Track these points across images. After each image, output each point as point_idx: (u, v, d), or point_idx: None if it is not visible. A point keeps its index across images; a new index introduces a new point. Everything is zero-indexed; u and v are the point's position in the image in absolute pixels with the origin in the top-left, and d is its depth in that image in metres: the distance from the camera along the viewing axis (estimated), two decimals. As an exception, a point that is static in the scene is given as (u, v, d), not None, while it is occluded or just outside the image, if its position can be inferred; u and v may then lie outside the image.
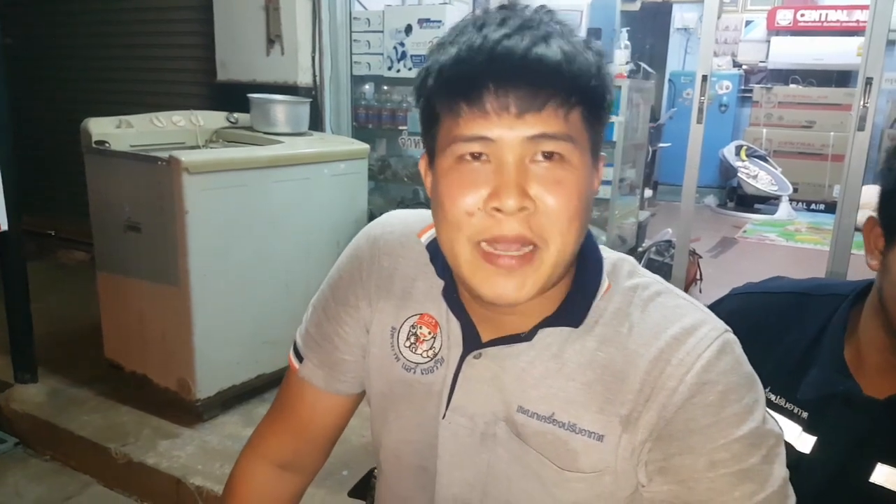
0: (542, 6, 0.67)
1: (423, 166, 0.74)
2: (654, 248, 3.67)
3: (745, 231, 5.99)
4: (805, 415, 0.88)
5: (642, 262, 3.70)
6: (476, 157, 0.64)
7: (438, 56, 0.65)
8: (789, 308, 0.95)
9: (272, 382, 2.59)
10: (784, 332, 0.93)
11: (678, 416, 0.65)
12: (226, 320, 2.38)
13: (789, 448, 0.86)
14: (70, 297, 3.51)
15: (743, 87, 7.42)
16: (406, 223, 0.85)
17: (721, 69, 7.30)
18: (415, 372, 0.79)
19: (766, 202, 6.75)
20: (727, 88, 7.22)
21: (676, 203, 3.15)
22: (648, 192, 5.65)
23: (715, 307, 1.02)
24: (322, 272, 0.86)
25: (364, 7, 3.47)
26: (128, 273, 2.45)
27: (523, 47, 0.61)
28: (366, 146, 2.88)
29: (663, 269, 3.37)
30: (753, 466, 0.65)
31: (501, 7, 0.67)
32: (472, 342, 0.75)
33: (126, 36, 3.93)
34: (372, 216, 2.96)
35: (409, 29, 3.28)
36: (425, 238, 0.81)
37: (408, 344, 0.80)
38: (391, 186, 3.66)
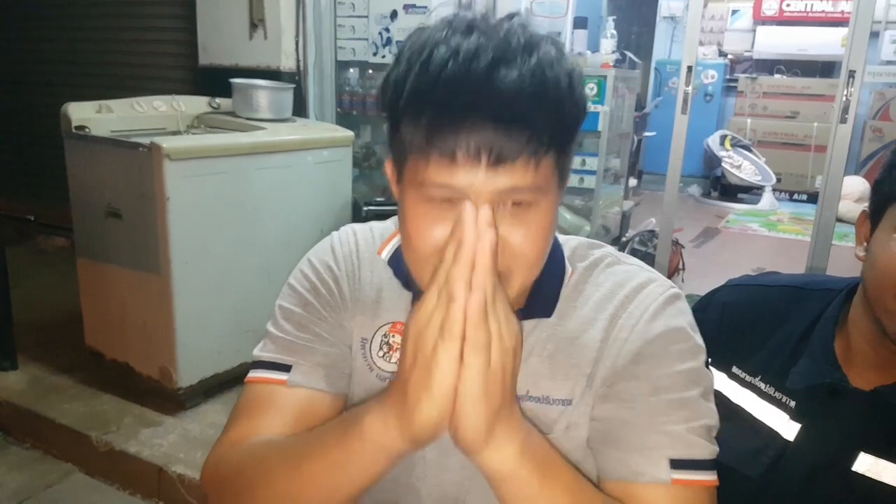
0: (515, 15, 0.65)
1: (389, 171, 0.71)
2: (637, 238, 3.70)
3: (727, 221, 6.04)
4: (793, 404, 0.90)
5: (626, 251, 3.72)
6: (445, 199, 0.63)
7: (405, 84, 0.61)
8: (784, 301, 0.97)
9: (255, 370, 2.59)
10: (778, 325, 0.95)
11: (629, 359, 0.71)
12: (207, 308, 2.37)
13: (776, 436, 0.89)
14: (50, 283, 3.48)
15: (728, 77, 7.46)
16: (365, 239, 0.85)
17: (707, 58, 7.33)
18: (388, 381, 0.77)
19: (749, 192, 6.81)
20: (712, 78, 7.26)
21: (661, 192, 3.17)
22: (633, 182, 5.69)
23: (710, 297, 1.05)
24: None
25: (349, -9, 3.44)
26: (108, 260, 2.43)
27: (498, 94, 0.58)
28: (350, 133, 2.86)
29: (646, 259, 3.38)
30: (692, 398, 0.70)
31: (469, 25, 0.63)
32: None
33: (107, 18, 3.87)
34: (356, 204, 2.95)
35: (394, 14, 3.26)
36: (385, 254, 0.82)
37: (381, 353, 0.80)
38: (376, 174, 3.64)
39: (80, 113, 2.45)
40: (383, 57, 3.30)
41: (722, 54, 7.50)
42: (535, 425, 0.71)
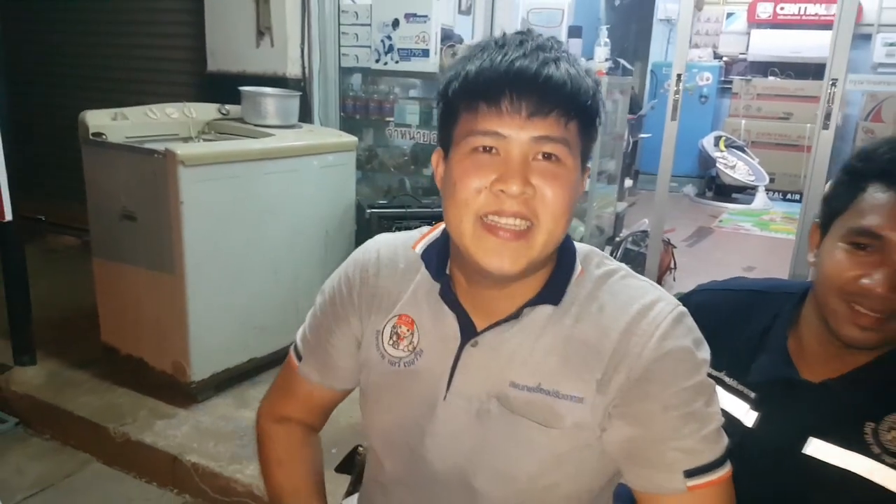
0: (553, 37, 0.82)
1: (435, 159, 0.86)
2: (630, 238, 3.80)
3: (721, 220, 6.15)
4: (753, 395, 1.01)
5: (619, 251, 3.83)
6: (487, 150, 0.77)
7: (463, 67, 0.78)
8: (746, 304, 1.08)
9: (262, 366, 2.71)
10: (741, 325, 1.06)
11: (641, 374, 0.79)
12: (219, 306, 2.49)
13: (738, 423, 1.01)
14: (63, 281, 3.59)
15: (723, 79, 7.56)
16: (389, 243, 0.99)
17: (702, 60, 7.43)
18: (398, 365, 0.91)
19: (743, 192, 6.92)
20: (707, 80, 7.36)
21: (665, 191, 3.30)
22: (629, 182, 5.79)
23: (684, 299, 1.16)
24: (310, 261, 0.97)
25: (352, 0, 3.55)
26: (123, 260, 2.54)
27: (537, 66, 0.74)
28: (353, 138, 2.97)
29: (639, 259, 3.50)
30: (698, 409, 0.79)
31: (519, 32, 0.80)
32: (468, 333, 0.87)
33: (119, 24, 3.97)
34: (359, 206, 3.07)
35: (395, 23, 3.36)
36: (419, 248, 0.94)
37: (391, 342, 0.93)
38: (378, 176, 3.75)
39: (97, 120, 2.56)
40: (385, 64, 3.42)
41: (717, 56, 7.60)
42: (544, 415, 0.82)
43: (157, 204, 2.35)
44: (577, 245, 0.91)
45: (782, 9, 7.13)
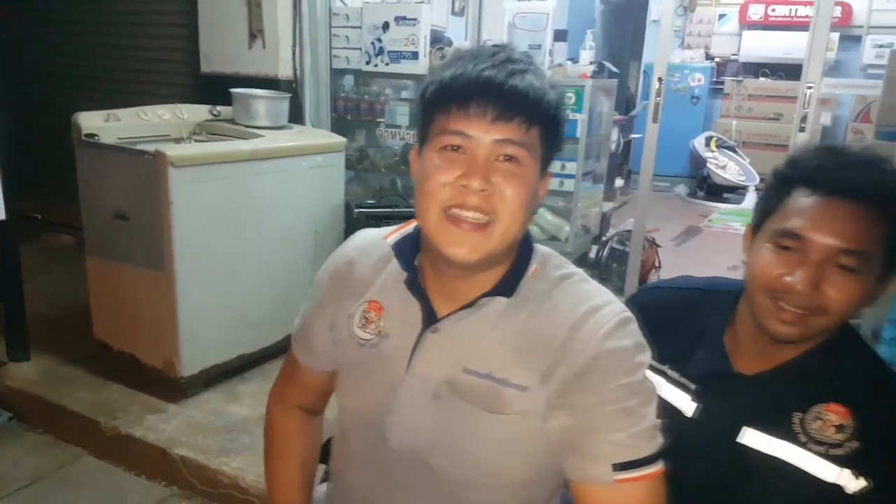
0: (525, 52, 0.91)
1: (413, 155, 0.95)
2: (616, 238, 3.86)
3: (710, 220, 6.21)
4: (693, 387, 1.08)
5: (605, 250, 3.89)
6: (455, 148, 0.85)
7: (441, 73, 0.87)
8: (690, 301, 1.15)
9: (252, 362, 2.77)
10: (684, 321, 1.13)
11: (582, 368, 0.85)
12: (209, 304, 2.55)
13: (680, 413, 1.07)
14: (60, 280, 3.65)
15: (715, 80, 7.61)
16: (368, 237, 1.08)
17: (694, 61, 7.50)
18: (365, 347, 0.99)
19: (734, 192, 6.98)
20: (699, 81, 7.41)
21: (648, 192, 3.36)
22: (620, 182, 5.85)
23: (632, 298, 1.24)
24: (300, 259, 1.06)
25: (343, 3, 3.60)
26: (116, 259, 2.60)
27: (504, 76, 0.83)
28: (343, 139, 3.03)
29: (624, 257, 3.56)
30: (633, 406, 0.85)
31: (495, 45, 0.90)
32: (429, 320, 0.94)
33: (115, 26, 4.02)
34: (348, 206, 3.13)
35: (386, 26, 3.42)
36: (391, 239, 1.03)
37: (360, 325, 1.00)
38: (370, 176, 3.81)
39: (90, 121, 2.62)
40: (375, 66, 3.48)
41: (709, 57, 7.66)
42: (491, 402, 0.89)
43: (148, 204, 2.40)
44: (540, 247, 0.98)
45: (773, 10, 7.19)
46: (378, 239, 1.05)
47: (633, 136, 6.17)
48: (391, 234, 1.04)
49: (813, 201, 0.94)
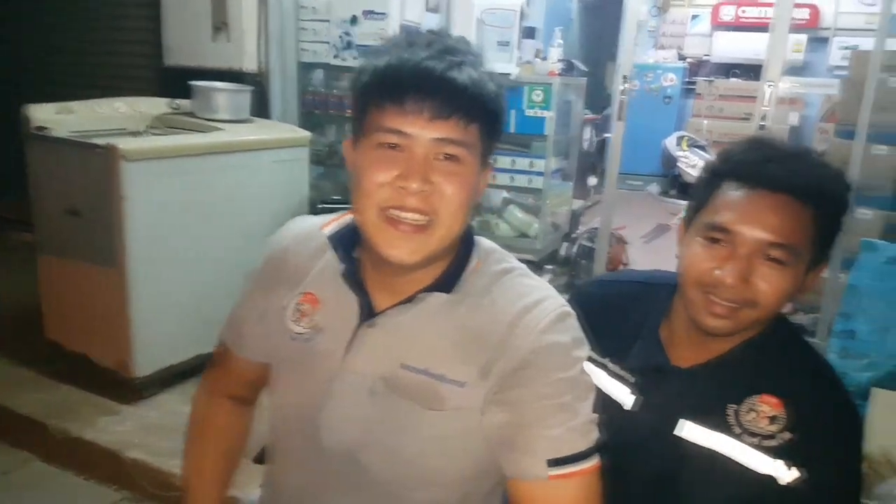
0: (462, 37, 0.86)
1: (347, 147, 0.89)
2: (586, 235, 3.86)
3: (680, 218, 6.23)
4: (633, 380, 1.06)
5: (575, 247, 3.88)
6: (392, 146, 0.80)
7: (373, 61, 0.82)
8: (630, 295, 1.14)
9: (212, 362, 2.70)
10: (625, 313, 1.11)
11: (519, 363, 0.83)
12: (165, 302, 2.47)
13: (619, 406, 1.05)
14: (15, 279, 3.54)
15: (687, 80, 7.68)
16: (304, 225, 1.03)
17: (667, 62, 7.55)
18: (298, 341, 0.94)
19: (706, 191, 7.02)
20: (672, 81, 7.47)
21: (621, 190, 3.37)
22: (594, 180, 5.86)
23: (580, 289, 1.21)
24: (261, 256, 1.03)
25: (311, -5, 3.54)
26: (68, 256, 2.52)
27: (441, 69, 0.78)
28: (307, 134, 2.97)
29: (593, 254, 3.56)
30: (568, 402, 0.83)
31: (430, 32, 0.85)
32: (366, 314, 0.90)
33: (75, 20, 3.93)
34: (312, 203, 3.07)
35: (354, 19, 3.37)
36: (328, 230, 0.98)
37: (294, 318, 0.96)
38: (340, 171, 3.75)
39: (41, 114, 2.53)
40: (344, 60, 3.42)
41: (682, 58, 7.72)
42: (427, 398, 0.85)
43: (101, 199, 2.33)
44: (483, 241, 0.95)
45: (744, 12, 7.27)
46: (314, 228, 1.00)
47: (607, 135, 6.17)
48: (328, 224, 0.99)
49: (741, 195, 0.94)
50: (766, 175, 0.93)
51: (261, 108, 3.27)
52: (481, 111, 0.81)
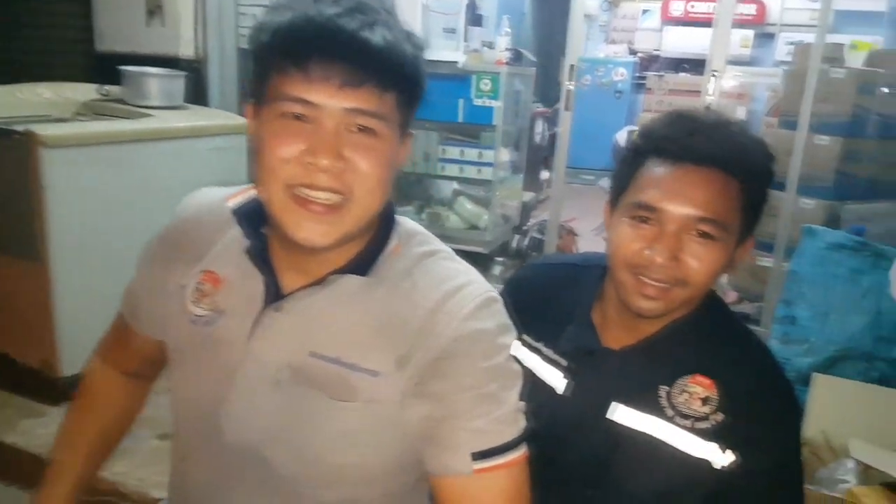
0: None
1: (249, 112, 0.80)
2: (537, 227, 3.85)
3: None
4: (565, 363, 1.03)
5: (527, 239, 3.86)
6: (298, 116, 0.71)
7: (273, 17, 0.71)
8: (562, 277, 1.11)
9: (145, 359, 2.58)
10: (557, 296, 1.08)
11: (440, 353, 0.77)
12: (91, 297, 2.33)
13: (552, 391, 1.01)
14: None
15: (638, 74, 7.76)
16: (207, 197, 0.95)
17: (618, 56, 7.61)
18: (198, 324, 0.86)
19: (656, 185, 7.12)
20: (622, 75, 7.53)
21: (575, 184, 3.35)
22: (546, 174, 5.86)
23: (514, 275, 1.17)
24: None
25: (250, -20, 3.44)
26: (-14, 249, 2.37)
27: (351, 29, 0.69)
28: (244, 120, 2.85)
29: (540, 245, 3.55)
30: (493, 391, 0.77)
31: None
32: (273, 296, 0.82)
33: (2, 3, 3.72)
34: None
35: (296, 5, 3.27)
36: (232, 203, 0.88)
37: (193, 298, 0.87)
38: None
39: (-45, 98, 2.38)
40: (286, 47, 3.32)
41: (632, 52, 7.80)
42: (337, 389, 0.78)
43: (20, 188, 2.19)
44: (405, 221, 0.87)
45: (693, 7, 7.38)
46: (219, 200, 0.91)
47: (557, 129, 6.19)
48: (233, 196, 0.90)
49: (665, 171, 0.91)
50: (690, 148, 0.90)
51: (198, 95, 3.16)
52: (398, 77, 0.72)
